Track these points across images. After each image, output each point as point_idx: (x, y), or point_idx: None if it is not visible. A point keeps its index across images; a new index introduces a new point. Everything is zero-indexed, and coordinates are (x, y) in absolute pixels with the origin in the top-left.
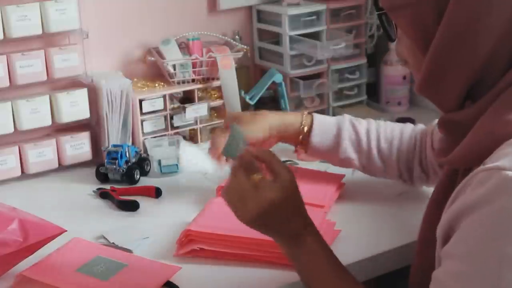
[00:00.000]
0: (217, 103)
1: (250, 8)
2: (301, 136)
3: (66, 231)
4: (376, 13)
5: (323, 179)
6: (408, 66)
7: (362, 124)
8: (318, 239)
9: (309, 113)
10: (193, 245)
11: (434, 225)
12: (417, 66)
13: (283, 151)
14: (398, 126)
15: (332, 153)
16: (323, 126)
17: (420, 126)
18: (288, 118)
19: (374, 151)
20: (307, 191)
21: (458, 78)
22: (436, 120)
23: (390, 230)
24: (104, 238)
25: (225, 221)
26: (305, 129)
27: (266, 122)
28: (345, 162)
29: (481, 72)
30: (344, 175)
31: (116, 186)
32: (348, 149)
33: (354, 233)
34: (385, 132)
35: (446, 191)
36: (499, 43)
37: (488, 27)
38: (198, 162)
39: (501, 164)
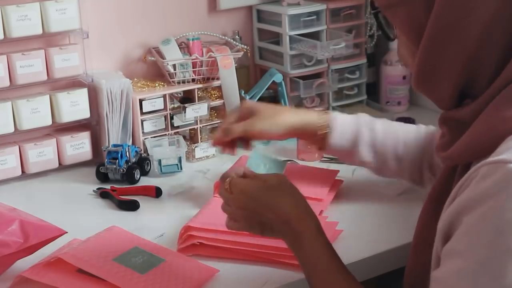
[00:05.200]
0: (217, 103)
1: (250, 8)
2: (318, 135)
3: (67, 232)
4: (372, 12)
5: (318, 174)
6: (408, 66)
7: (379, 125)
8: (317, 236)
9: (327, 111)
10: (193, 240)
11: (430, 224)
12: (414, 63)
13: (283, 151)
14: (412, 127)
15: (348, 155)
16: (342, 127)
17: (432, 127)
18: (307, 117)
19: (390, 154)
20: (303, 186)
21: (450, 72)
22: None
23: (390, 230)
24: None
25: (224, 219)
26: (324, 129)
27: (286, 120)
28: (360, 164)
29: (474, 66)
30: (338, 171)
31: (116, 186)
32: (365, 152)
33: (354, 232)
34: (402, 133)
35: (443, 189)
36: (488, 35)
37: (476, 18)
38: None
39: (506, 157)
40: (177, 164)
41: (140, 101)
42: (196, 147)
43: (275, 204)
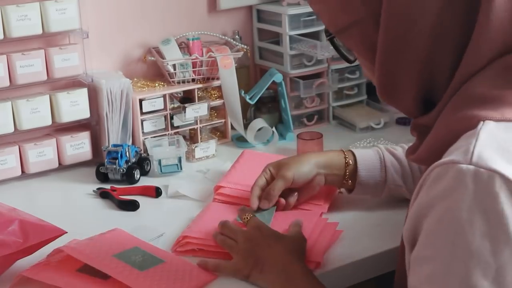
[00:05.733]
0: (217, 103)
1: (250, 8)
2: (347, 173)
3: (66, 232)
4: (327, 38)
5: None
6: (374, 83)
7: (399, 150)
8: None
9: (347, 150)
10: (191, 246)
11: None
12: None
13: (284, 151)
14: None
15: (380, 185)
16: (367, 160)
17: None
18: (331, 156)
19: (418, 173)
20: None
21: (408, 82)
22: None
23: (389, 230)
24: None
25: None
26: (351, 165)
27: (312, 162)
28: (394, 191)
29: (429, 73)
30: None
31: (116, 186)
32: (395, 178)
33: (354, 233)
34: None
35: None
36: (436, 41)
37: (421, 27)
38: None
39: (455, 158)
40: (177, 164)
41: (140, 101)
42: (196, 147)
43: (278, 248)
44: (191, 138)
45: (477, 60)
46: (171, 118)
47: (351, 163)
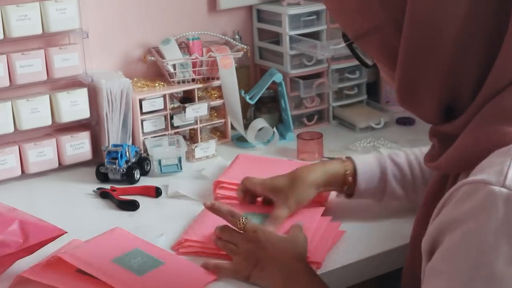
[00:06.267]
0: (217, 103)
1: (250, 7)
2: (346, 186)
3: (66, 232)
4: (345, 44)
5: None
6: (392, 88)
7: (401, 157)
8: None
9: (348, 157)
10: (191, 249)
11: (424, 230)
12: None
13: (284, 151)
14: None
15: (379, 195)
16: (367, 171)
17: None
18: (330, 169)
19: (420, 181)
20: None
21: (430, 90)
22: None
23: (390, 230)
24: None
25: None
26: (350, 178)
27: (311, 183)
28: (391, 199)
29: (453, 82)
30: None
31: (116, 186)
32: (396, 189)
33: (354, 232)
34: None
35: (435, 195)
36: (461, 49)
37: (445, 36)
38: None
39: (487, 178)
40: (177, 164)
41: (140, 101)
42: (196, 147)
43: (280, 247)
44: (191, 138)
45: (508, 73)
46: (171, 118)
47: (350, 179)
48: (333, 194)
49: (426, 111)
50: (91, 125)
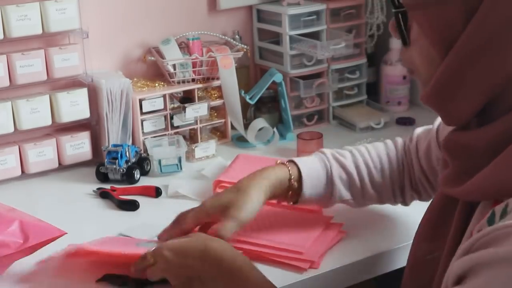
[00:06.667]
0: (217, 103)
1: (250, 7)
2: (291, 192)
3: (66, 233)
4: (393, 11)
5: None
6: (415, 74)
7: (348, 158)
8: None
9: (290, 160)
10: None
11: (426, 247)
12: (430, 74)
13: (284, 151)
14: (383, 149)
15: (325, 200)
16: (313, 174)
17: (401, 141)
18: (274, 175)
19: (368, 186)
20: None
21: (477, 91)
22: (417, 130)
23: (390, 230)
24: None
25: None
26: (295, 183)
27: (257, 194)
28: (339, 202)
29: (502, 88)
30: None
31: (116, 186)
32: (343, 192)
33: (354, 232)
34: (372, 160)
35: (442, 218)
36: None
37: None
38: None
39: None
40: (177, 164)
41: (140, 101)
42: (196, 147)
43: (203, 252)
44: (191, 138)
45: None
46: (171, 118)
47: (295, 184)
48: None
49: (458, 112)
50: (91, 125)
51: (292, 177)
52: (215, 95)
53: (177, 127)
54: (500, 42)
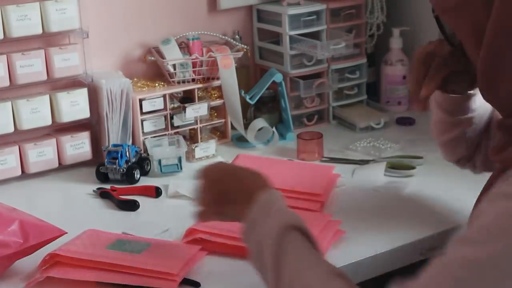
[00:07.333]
0: (217, 103)
1: (250, 7)
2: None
3: (67, 233)
4: (434, 16)
5: (315, 170)
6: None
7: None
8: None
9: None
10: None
11: None
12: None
13: (284, 151)
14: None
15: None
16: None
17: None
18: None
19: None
20: (302, 181)
21: None
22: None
23: (390, 230)
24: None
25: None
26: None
27: None
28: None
29: None
30: (335, 166)
31: (116, 186)
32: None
33: (354, 233)
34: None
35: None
36: None
37: None
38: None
39: None
40: (177, 164)
41: (140, 101)
42: (196, 147)
43: (239, 174)
44: (191, 138)
45: None
46: (171, 118)
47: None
48: (333, 193)
49: (503, 97)
50: (91, 125)
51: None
52: (215, 95)
53: (177, 127)
54: None
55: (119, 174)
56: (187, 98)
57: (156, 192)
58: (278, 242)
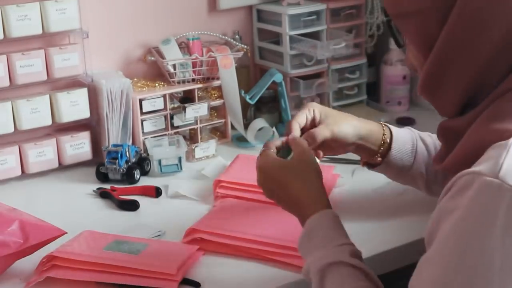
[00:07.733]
0: (217, 103)
1: (250, 7)
2: (381, 149)
3: (66, 233)
4: (385, 19)
5: None
6: (416, 72)
7: (429, 141)
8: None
9: (383, 123)
10: (196, 234)
11: None
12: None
13: None
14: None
15: (405, 170)
16: (401, 142)
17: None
18: (371, 128)
19: (439, 177)
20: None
21: (457, 83)
22: None
23: (390, 230)
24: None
25: (229, 222)
26: (387, 141)
27: (355, 127)
28: (415, 177)
29: (480, 80)
30: (334, 166)
31: (116, 186)
32: (421, 167)
33: (354, 233)
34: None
35: None
36: (498, 53)
37: (487, 38)
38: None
39: (482, 169)
40: (177, 164)
41: (140, 101)
42: (196, 147)
43: (286, 185)
44: (191, 138)
45: None
46: (171, 118)
47: (387, 141)
48: (333, 193)
49: (445, 102)
50: (91, 125)
51: (384, 137)
52: (215, 95)
53: (177, 127)
54: (470, 42)
55: (119, 174)
56: (187, 98)
57: (156, 192)
58: (321, 277)
